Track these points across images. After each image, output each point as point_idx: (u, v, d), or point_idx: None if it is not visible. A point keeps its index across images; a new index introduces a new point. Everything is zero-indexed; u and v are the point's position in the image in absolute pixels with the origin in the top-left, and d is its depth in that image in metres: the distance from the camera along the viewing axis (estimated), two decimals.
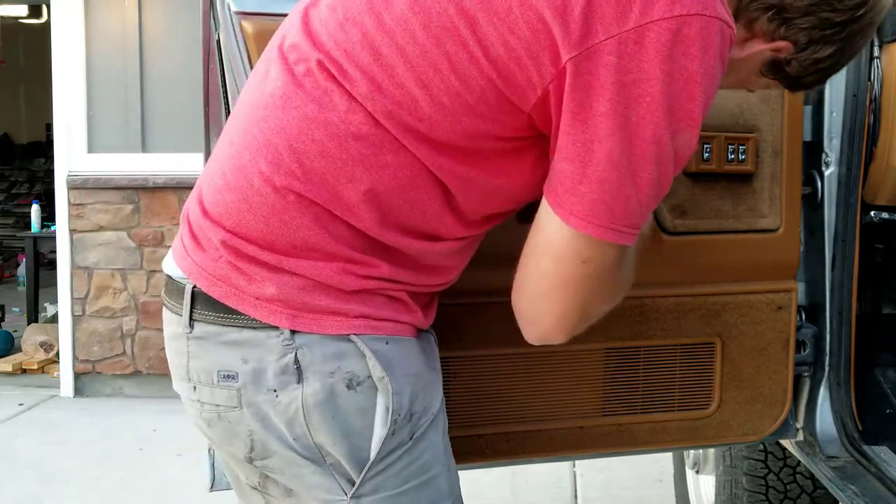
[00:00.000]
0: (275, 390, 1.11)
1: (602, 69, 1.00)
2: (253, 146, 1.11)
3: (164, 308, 1.22)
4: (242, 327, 1.11)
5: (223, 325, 1.12)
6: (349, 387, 1.11)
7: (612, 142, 1.02)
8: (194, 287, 1.14)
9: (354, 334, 1.11)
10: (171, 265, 1.20)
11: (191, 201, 1.20)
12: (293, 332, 1.10)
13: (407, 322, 1.16)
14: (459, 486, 1.23)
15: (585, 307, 1.13)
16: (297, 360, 1.10)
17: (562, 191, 1.06)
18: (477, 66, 1.04)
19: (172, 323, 1.19)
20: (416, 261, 1.15)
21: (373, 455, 1.12)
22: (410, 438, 1.15)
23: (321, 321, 1.10)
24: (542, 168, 1.12)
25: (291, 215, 1.09)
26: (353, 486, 1.13)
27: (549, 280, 1.10)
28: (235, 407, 1.13)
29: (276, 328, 1.10)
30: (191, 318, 1.14)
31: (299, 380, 1.10)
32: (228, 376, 1.12)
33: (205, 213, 1.15)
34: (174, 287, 1.18)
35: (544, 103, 1.05)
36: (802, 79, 1.20)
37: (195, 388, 1.16)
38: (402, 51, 1.06)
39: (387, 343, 1.13)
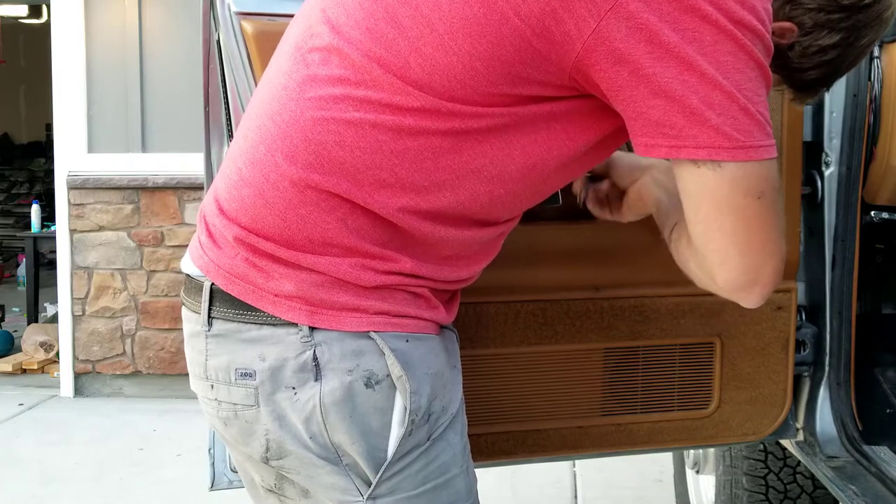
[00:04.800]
0: (293, 388, 1.09)
1: (652, 3, 0.98)
2: (268, 140, 1.10)
3: (182, 306, 1.21)
4: (262, 324, 1.10)
5: (242, 322, 1.11)
6: (367, 385, 1.10)
7: (700, 65, 0.98)
8: (212, 285, 1.13)
9: (374, 331, 1.10)
10: (188, 263, 1.19)
11: (207, 199, 1.19)
12: (312, 328, 1.09)
13: (429, 319, 1.15)
14: (477, 488, 1.22)
15: (781, 234, 1.09)
16: (315, 358, 1.09)
17: (676, 132, 1.01)
18: (509, 25, 1.01)
19: (191, 321, 1.18)
20: (442, 252, 1.13)
21: (390, 455, 1.11)
22: (428, 439, 1.13)
23: (340, 318, 1.09)
24: (588, 131, 1.09)
25: (309, 209, 1.07)
26: (370, 486, 1.11)
27: (744, 232, 1.05)
28: (252, 405, 1.12)
29: (295, 325, 1.09)
30: (209, 316, 1.13)
31: (317, 377, 1.09)
32: (246, 374, 1.11)
33: (221, 210, 1.14)
34: (192, 285, 1.17)
35: (584, 60, 1.01)
36: (805, 73, 1.19)
37: (213, 386, 1.15)
38: (427, 20, 1.03)
39: (407, 341, 1.11)
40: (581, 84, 1.04)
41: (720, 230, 1.06)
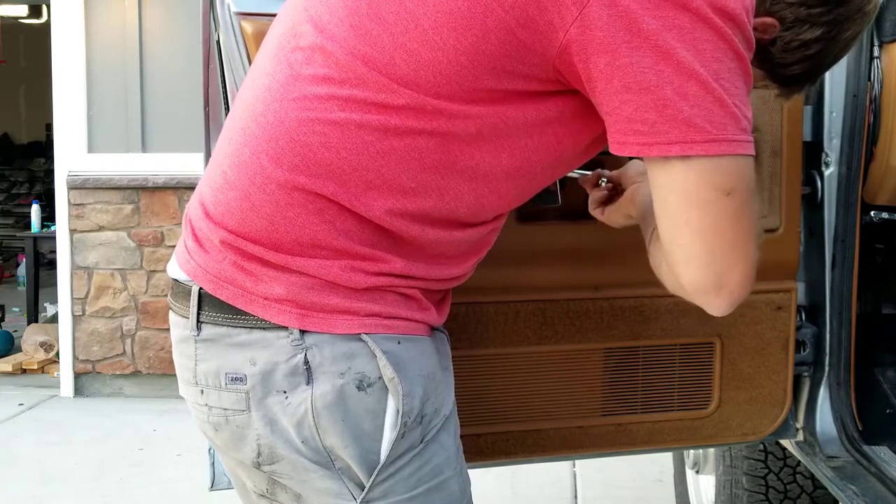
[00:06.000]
0: (284, 392, 1.08)
1: None
2: (253, 142, 1.09)
3: (170, 311, 1.20)
4: (252, 328, 1.09)
5: (232, 326, 1.10)
6: (359, 388, 1.08)
7: (677, 53, 0.97)
8: (200, 289, 1.12)
9: (365, 333, 1.09)
10: (174, 268, 1.18)
11: (192, 203, 1.18)
12: (303, 331, 1.08)
13: (420, 320, 1.14)
14: (471, 490, 1.21)
15: (753, 239, 1.06)
16: (306, 361, 1.08)
17: (647, 128, 0.99)
18: (493, 17, 1.00)
19: (179, 326, 1.16)
20: (431, 251, 1.12)
21: (383, 458, 1.10)
22: (421, 441, 1.12)
23: (331, 320, 1.08)
24: (576, 134, 1.09)
25: (296, 212, 1.07)
26: (363, 490, 1.10)
27: (711, 230, 1.03)
28: (243, 410, 1.10)
29: (286, 328, 1.08)
30: (198, 321, 1.12)
31: (308, 381, 1.08)
32: (236, 379, 1.10)
33: (207, 214, 1.13)
34: (180, 290, 1.16)
35: (567, 50, 1.00)
36: (789, 68, 1.18)
37: (202, 391, 1.14)
38: (412, 15, 1.03)
39: (399, 343, 1.11)
40: (564, 76, 1.04)
41: (687, 225, 1.03)
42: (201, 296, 1.12)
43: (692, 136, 0.99)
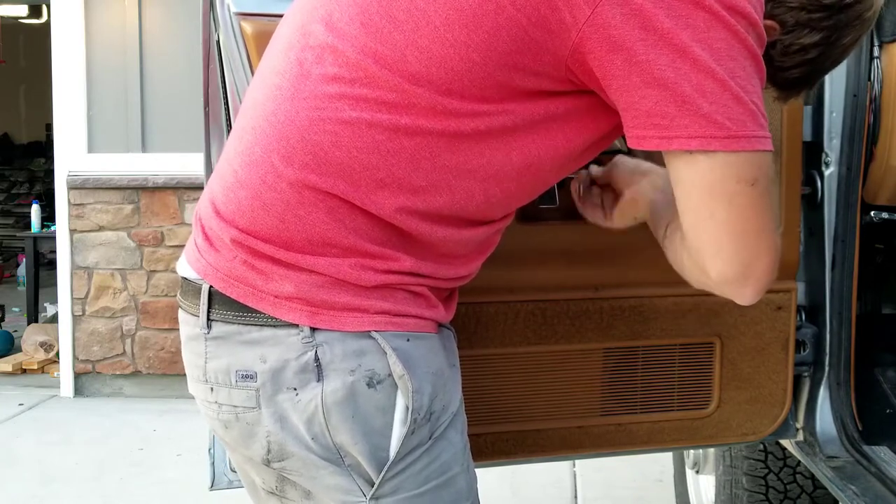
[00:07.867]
0: (295, 389, 1.09)
1: None
2: (264, 141, 1.09)
3: (180, 310, 1.20)
4: (262, 325, 1.09)
5: (242, 324, 1.11)
6: (369, 385, 1.09)
7: (693, 52, 0.98)
8: (210, 287, 1.12)
9: (375, 331, 1.09)
10: (184, 267, 1.18)
11: (203, 201, 1.18)
12: (313, 329, 1.08)
13: (429, 318, 1.14)
14: (477, 486, 1.22)
15: (775, 227, 1.08)
16: (316, 358, 1.08)
17: (667, 122, 1.01)
18: (505, 14, 1.01)
19: (189, 324, 1.17)
20: (440, 250, 1.13)
21: (392, 455, 1.10)
22: (430, 438, 1.13)
23: (341, 318, 1.09)
24: (585, 131, 1.09)
25: (307, 210, 1.07)
26: (373, 486, 1.11)
27: (737, 221, 1.04)
28: (254, 407, 1.11)
29: (296, 326, 1.08)
30: (208, 319, 1.13)
31: (319, 378, 1.08)
32: (247, 376, 1.11)
33: (217, 212, 1.13)
34: (189, 288, 1.17)
35: (580, 49, 1.01)
36: (788, 72, 1.19)
37: (212, 389, 1.14)
38: (423, 12, 1.03)
39: (408, 340, 1.11)
40: (577, 75, 1.04)
41: (712, 218, 1.05)
42: (211, 294, 1.12)
43: (712, 132, 1.00)
